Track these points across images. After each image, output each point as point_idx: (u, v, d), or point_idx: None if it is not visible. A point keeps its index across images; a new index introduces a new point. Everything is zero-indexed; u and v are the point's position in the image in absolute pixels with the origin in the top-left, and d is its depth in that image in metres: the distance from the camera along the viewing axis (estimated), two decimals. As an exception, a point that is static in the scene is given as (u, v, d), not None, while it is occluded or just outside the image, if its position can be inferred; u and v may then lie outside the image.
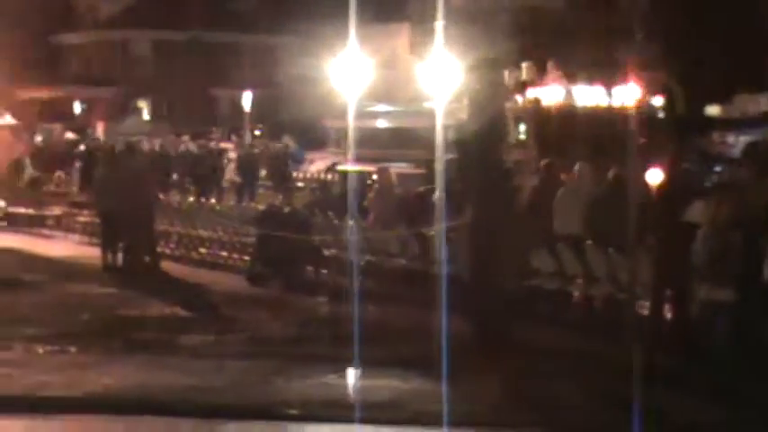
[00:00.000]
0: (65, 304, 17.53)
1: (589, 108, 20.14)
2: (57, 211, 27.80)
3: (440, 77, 16.06)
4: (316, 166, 36.66)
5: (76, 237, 25.91)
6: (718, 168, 23.13)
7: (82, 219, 26.09)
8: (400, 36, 71.27)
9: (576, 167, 17.63)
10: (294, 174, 34.23)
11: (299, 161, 32.98)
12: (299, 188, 31.06)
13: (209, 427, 11.55)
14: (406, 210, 19.45)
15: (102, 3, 71.44)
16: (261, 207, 22.68)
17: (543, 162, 18.65)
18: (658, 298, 14.34)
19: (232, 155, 37.21)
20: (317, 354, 14.22)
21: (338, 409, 11.73)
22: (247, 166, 31.42)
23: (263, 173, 34.63)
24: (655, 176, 15.58)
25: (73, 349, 14.47)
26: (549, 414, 11.69)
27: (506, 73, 21.39)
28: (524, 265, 14.84)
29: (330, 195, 23.11)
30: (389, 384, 12.61)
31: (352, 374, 13.07)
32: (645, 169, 14.70)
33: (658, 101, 20.91)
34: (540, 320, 15.14)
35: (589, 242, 15.93)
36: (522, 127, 21.17)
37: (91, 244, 24.35)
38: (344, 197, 22.73)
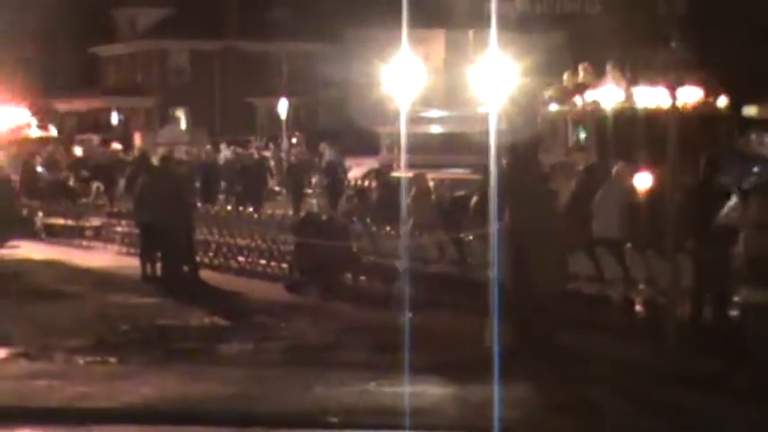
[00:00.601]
0: (104, 315, 17.57)
1: (651, 109, 19.79)
2: (95, 221, 27.90)
3: (491, 83, 15.97)
4: (353, 172, 36.61)
5: (115, 247, 26.01)
6: (756, 169, 22.95)
7: (120, 229, 26.17)
8: (437, 41, 71.25)
9: (614, 169, 17.51)
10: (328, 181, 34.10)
11: (336, 168, 32.85)
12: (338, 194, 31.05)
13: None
14: (444, 215, 19.38)
15: (140, 14, 71.89)
16: (299, 215, 22.68)
17: (583, 165, 18.52)
18: (698, 301, 14.22)
19: (271, 163, 37.27)
20: (356, 361, 14.18)
21: (379, 417, 11.68)
22: (289, 176, 31.40)
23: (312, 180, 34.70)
24: (694, 178, 15.46)
25: (113, 359, 14.50)
26: (590, 419, 11.60)
27: (565, 76, 21.27)
28: (564, 269, 14.71)
29: (368, 202, 23.02)
30: (429, 391, 12.55)
31: (392, 381, 13.01)
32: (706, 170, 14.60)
33: (722, 101, 20.43)
34: (579, 325, 15.01)
35: (629, 245, 15.81)
36: (582, 130, 20.87)
37: (129, 254, 24.44)
38: (382, 203, 22.72)
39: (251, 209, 25.57)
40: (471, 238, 17.66)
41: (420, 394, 12.38)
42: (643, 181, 16.02)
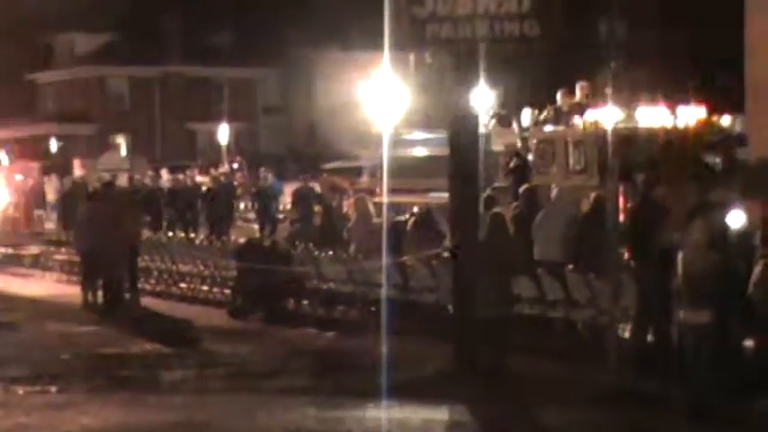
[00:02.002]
0: (44, 343, 17.38)
1: (653, 129, 19.55)
2: (34, 249, 27.63)
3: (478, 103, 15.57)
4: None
5: (55, 275, 25.76)
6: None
7: (59, 257, 25.94)
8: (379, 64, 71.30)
9: (554, 192, 17.58)
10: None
11: (275, 194, 32.69)
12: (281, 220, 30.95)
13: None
14: (386, 238, 19.38)
15: (79, 39, 71.42)
16: (241, 240, 22.60)
17: (523, 187, 18.56)
18: (639, 322, 14.32)
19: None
20: (299, 386, 14.14)
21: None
22: (222, 200, 31.16)
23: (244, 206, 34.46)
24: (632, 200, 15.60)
25: (53, 389, 14.33)
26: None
27: (559, 96, 20.92)
28: (509, 293, 14.76)
29: (310, 227, 23.02)
30: (371, 415, 12.53)
31: (334, 406, 12.98)
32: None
33: (726, 120, 20.04)
34: (521, 347, 15.05)
35: (570, 267, 15.90)
36: (581, 152, 20.34)
37: (69, 282, 24.22)
38: (324, 228, 22.71)
39: (215, 234, 25.42)
40: (410, 263, 17.67)
41: (362, 419, 12.36)
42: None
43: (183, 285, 22.38)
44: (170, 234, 25.20)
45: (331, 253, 19.39)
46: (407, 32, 14.82)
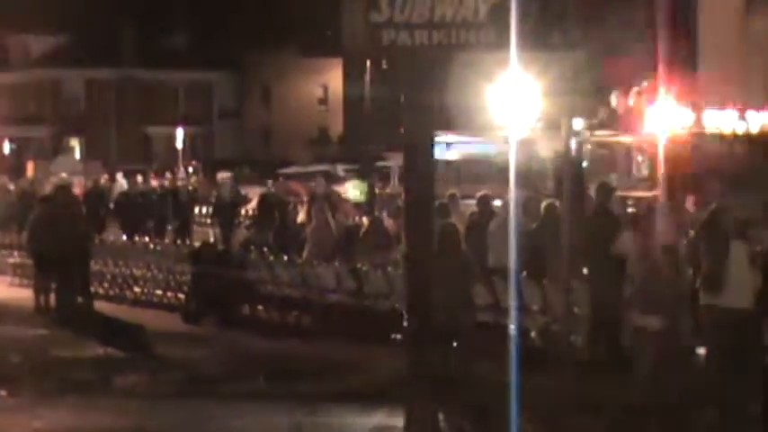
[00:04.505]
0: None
1: (724, 135, 18.29)
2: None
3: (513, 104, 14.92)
4: (252, 203, 36.31)
5: (7, 278, 25.56)
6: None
7: (12, 260, 25.74)
8: (335, 70, 71.42)
9: (505, 199, 17.51)
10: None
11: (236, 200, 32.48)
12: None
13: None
14: (341, 244, 19.42)
15: (33, 41, 70.99)
16: (195, 245, 22.54)
17: (479, 194, 18.52)
18: (593, 329, 14.41)
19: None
20: (252, 391, 14.13)
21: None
22: (184, 204, 30.94)
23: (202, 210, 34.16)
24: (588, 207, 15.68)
25: (3, 392, 14.24)
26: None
27: (613, 97, 19.64)
28: (462, 299, 14.80)
29: (263, 231, 22.98)
30: (325, 421, 12.54)
31: (288, 411, 12.97)
32: None
33: None
34: (475, 353, 15.10)
35: (524, 274, 15.95)
36: (644, 159, 18.69)
37: (21, 285, 24.04)
38: (279, 234, 22.67)
39: (179, 239, 25.25)
40: (365, 268, 17.69)
41: (315, 424, 12.37)
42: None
43: (136, 289, 22.28)
44: (123, 238, 25.07)
45: (285, 258, 19.39)
46: (363, 38, 14.82)
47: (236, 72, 74.01)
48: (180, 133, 56.07)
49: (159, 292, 21.75)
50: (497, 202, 17.44)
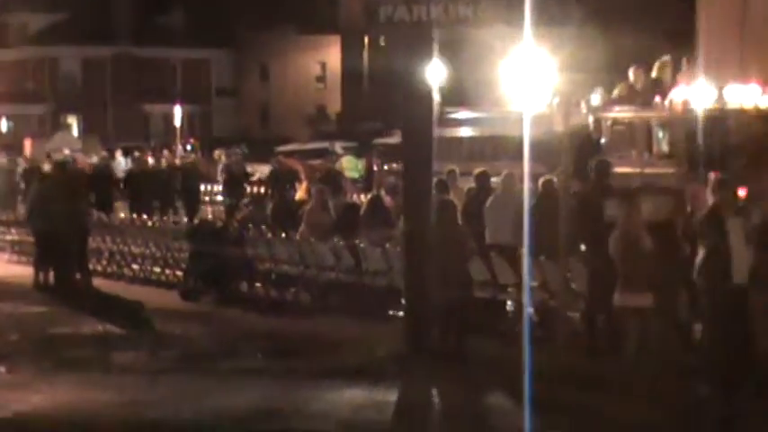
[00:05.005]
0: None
1: (746, 110, 17.50)
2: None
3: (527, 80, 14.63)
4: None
5: (6, 255, 25.59)
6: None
7: (10, 237, 25.75)
8: (333, 47, 71.26)
9: (502, 176, 17.49)
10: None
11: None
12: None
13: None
14: (338, 221, 19.41)
15: (30, 19, 70.85)
16: (194, 222, 22.54)
17: (477, 170, 18.48)
18: (590, 304, 14.44)
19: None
20: (251, 368, 14.16)
21: (271, 422, 11.68)
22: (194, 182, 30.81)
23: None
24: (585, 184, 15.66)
25: (2, 369, 14.27)
26: (482, 423, 11.73)
27: (631, 72, 19.22)
28: (458, 275, 14.83)
29: (263, 209, 22.95)
30: (324, 396, 12.57)
31: (287, 387, 13.01)
32: None
33: None
34: (473, 329, 15.15)
35: (521, 250, 15.96)
36: (665, 135, 18.03)
37: (20, 263, 24.07)
38: (277, 211, 22.65)
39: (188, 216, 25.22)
40: (363, 245, 17.71)
41: (313, 400, 12.41)
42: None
43: (134, 267, 22.30)
44: (121, 215, 25.06)
45: (283, 235, 19.39)
46: (361, 15, 14.81)
47: (233, 50, 73.86)
48: (178, 111, 55.94)
49: (157, 269, 21.76)
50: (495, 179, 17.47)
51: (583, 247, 14.91)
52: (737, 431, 11.53)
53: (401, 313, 15.45)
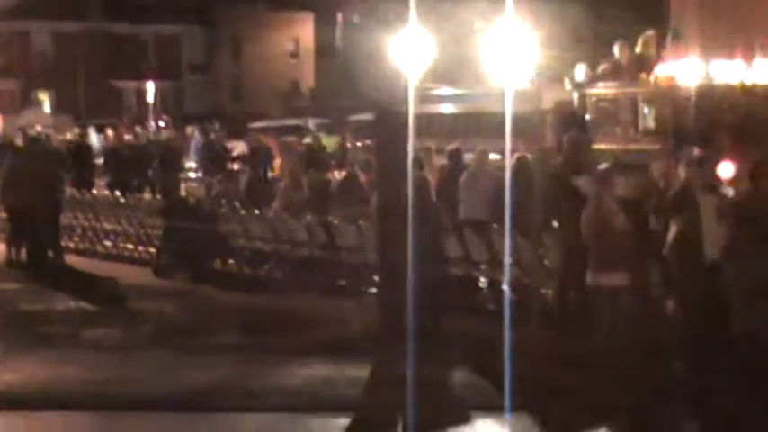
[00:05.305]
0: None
1: (732, 86, 17.36)
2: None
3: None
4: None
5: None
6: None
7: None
8: (306, 24, 71.06)
9: (476, 152, 17.52)
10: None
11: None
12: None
13: (112, 419, 11.43)
14: (312, 198, 19.41)
15: (0, -7, 70.30)
16: (167, 199, 22.48)
17: (450, 147, 18.49)
18: (563, 282, 14.48)
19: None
20: (224, 344, 14.17)
21: (244, 398, 11.69)
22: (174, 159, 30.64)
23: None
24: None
25: (-26, 346, 14.23)
26: (454, 399, 11.76)
27: (616, 49, 19.07)
28: (431, 252, 14.85)
29: (236, 185, 22.92)
30: (297, 372, 12.59)
31: (260, 364, 13.02)
32: None
33: None
34: (447, 306, 15.18)
35: (495, 226, 16.01)
36: (651, 111, 17.81)
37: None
38: (251, 187, 22.64)
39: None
40: (336, 222, 17.70)
41: (287, 376, 12.42)
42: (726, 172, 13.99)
43: (107, 243, 22.23)
44: (93, 192, 24.95)
45: (257, 212, 19.37)
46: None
47: (205, 26, 73.53)
48: (151, 87, 55.71)
49: (130, 246, 21.71)
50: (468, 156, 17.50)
51: (555, 224, 14.95)
52: (712, 407, 11.58)
53: (375, 290, 15.46)
